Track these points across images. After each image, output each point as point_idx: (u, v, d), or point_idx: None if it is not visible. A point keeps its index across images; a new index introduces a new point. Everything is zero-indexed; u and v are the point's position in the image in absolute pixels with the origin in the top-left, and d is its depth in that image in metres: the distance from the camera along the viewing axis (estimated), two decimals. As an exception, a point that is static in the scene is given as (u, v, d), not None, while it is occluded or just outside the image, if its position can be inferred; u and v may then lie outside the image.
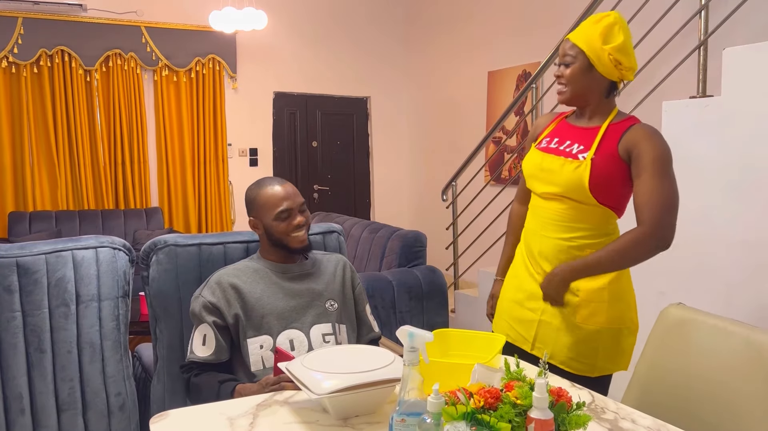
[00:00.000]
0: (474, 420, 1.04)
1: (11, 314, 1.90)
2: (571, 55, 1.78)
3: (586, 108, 1.84)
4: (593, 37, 1.74)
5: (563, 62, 1.81)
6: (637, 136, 1.76)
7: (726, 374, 1.42)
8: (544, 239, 1.83)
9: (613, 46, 1.74)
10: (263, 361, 1.80)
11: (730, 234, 2.55)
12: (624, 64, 1.77)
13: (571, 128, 1.87)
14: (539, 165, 1.85)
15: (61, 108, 5.39)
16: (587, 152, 1.76)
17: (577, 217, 1.79)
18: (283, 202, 1.86)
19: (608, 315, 1.78)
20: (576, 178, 1.74)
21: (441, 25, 6.39)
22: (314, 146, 6.71)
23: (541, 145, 1.88)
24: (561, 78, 1.81)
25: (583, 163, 1.75)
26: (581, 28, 1.79)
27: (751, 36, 3.22)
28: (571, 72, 1.79)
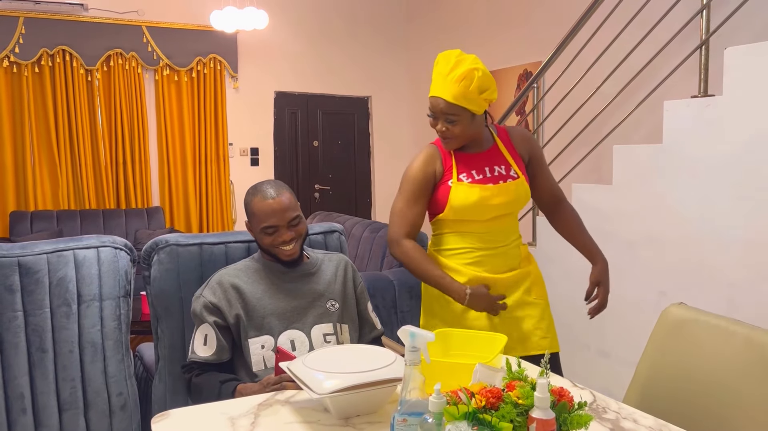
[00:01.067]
0: (475, 420, 1.04)
1: (13, 314, 1.90)
2: (454, 113, 1.88)
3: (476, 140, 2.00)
4: (471, 92, 1.85)
5: (446, 119, 1.89)
6: (524, 137, 2.08)
7: (727, 374, 1.42)
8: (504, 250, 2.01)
9: (489, 92, 1.88)
10: (265, 361, 1.80)
11: (731, 233, 2.55)
12: (491, 100, 1.92)
13: (474, 157, 2.00)
14: (488, 197, 1.94)
15: (62, 107, 5.40)
16: (512, 169, 1.99)
17: (510, 225, 2.05)
18: (269, 218, 1.81)
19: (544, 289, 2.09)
20: (523, 194, 1.99)
21: (442, 24, 6.39)
22: (315, 146, 6.71)
23: (469, 180, 1.96)
24: (447, 133, 1.92)
25: (519, 180, 1.98)
26: (452, 84, 1.85)
27: (753, 36, 3.22)
28: (459, 129, 1.91)
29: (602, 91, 3.45)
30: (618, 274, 3.05)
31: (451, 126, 1.90)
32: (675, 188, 2.76)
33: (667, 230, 2.80)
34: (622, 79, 3.29)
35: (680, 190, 2.74)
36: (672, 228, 2.78)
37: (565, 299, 2.72)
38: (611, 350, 3.09)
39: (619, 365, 3.01)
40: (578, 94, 3.57)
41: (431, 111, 1.93)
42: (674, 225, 2.77)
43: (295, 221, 1.84)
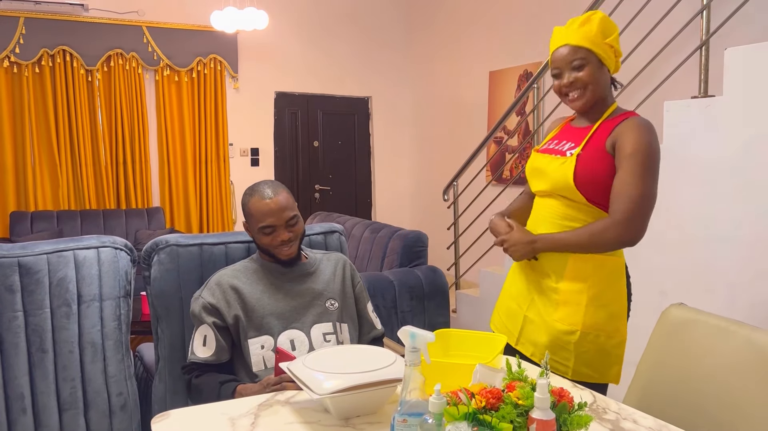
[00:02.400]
0: (475, 421, 1.04)
1: (13, 314, 1.90)
2: (580, 57, 1.72)
3: (595, 107, 1.79)
4: (594, 35, 1.71)
5: (573, 66, 1.73)
6: (625, 128, 1.71)
7: (728, 374, 1.42)
8: None
9: (613, 38, 1.73)
10: (264, 361, 1.80)
11: (732, 234, 2.55)
12: (619, 54, 1.76)
13: (573, 130, 1.85)
14: (532, 164, 1.87)
15: (62, 108, 5.40)
16: (576, 148, 1.75)
17: (568, 215, 1.76)
18: (267, 218, 1.82)
19: (585, 319, 1.73)
20: (561, 175, 1.73)
21: (442, 24, 6.39)
22: (315, 146, 6.71)
23: (542, 148, 1.89)
24: (576, 83, 1.74)
25: (568, 159, 1.73)
26: (574, 30, 1.75)
27: (753, 36, 3.22)
28: (587, 74, 1.72)
29: (602, 91, 3.45)
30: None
31: (578, 73, 1.72)
32: (675, 188, 2.76)
33: (668, 230, 2.80)
34: (622, 78, 3.28)
35: (680, 190, 2.74)
36: (672, 228, 2.78)
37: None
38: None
39: (620, 365, 3.01)
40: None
41: (556, 66, 1.77)
42: (674, 225, 2.77)
43: (292, 221, 1.85)
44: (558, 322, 1.75)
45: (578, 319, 1.73)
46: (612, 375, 1.77)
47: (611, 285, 1.78)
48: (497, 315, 2.00)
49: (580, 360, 1.73)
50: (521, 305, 1.86)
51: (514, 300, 1.91)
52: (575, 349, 1.73)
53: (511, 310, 1.90)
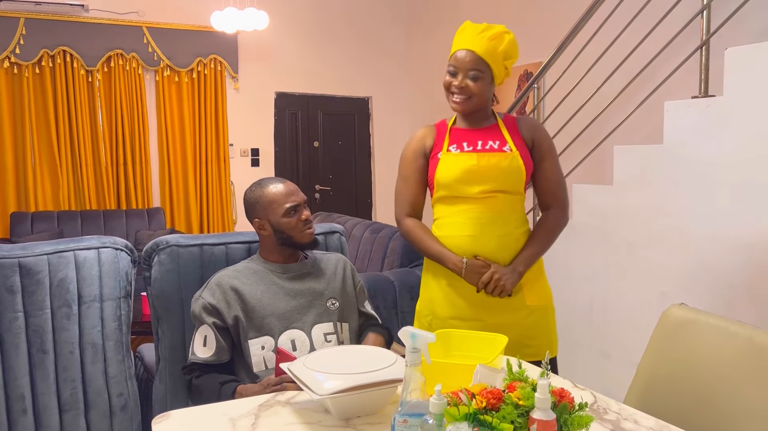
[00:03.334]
0: (476, 421, 1.04)
1: (13, 314, 1.90)
2: (479, 69, 1.86)
3: (477, 113, 1.95)
4: (497, 54, 1.86)
5: (469, 75, 1.86)
6: (531, 124, 1.97)
7: (728, 375, 1.42)
8: (484, 240, 1.88)
9: (511, 61, 1.90)
10: (265, 362, 1.80)
11: (732, 234, 2.55)
12: (509, 69, 1.93)
13: (470, 132, 1.95)
14: (475, 165, 1.88)
15: (62, 108, 5.40)
16: (507, 144, 1.91)
17: (509, 209, 1.92)
18: (289, 198, 1.89)
19: (546, 291, 1.96)
20: (515, 168, 1.88)
21: (442, 25, 6.39)
22: (316, 146, 6.71)
23: (457, 151, 1.91)
24: (465, 89, 1.88)
25: (512, 153, 1.89)
26: (482, 40, 1.86)
27: (754, 36, 3.22)
28: (479, 86, 1.87)
29: (603, 91, 3.45)
30: (618, 275, 3.05)
31: (472, 83, 1.86)
32: (676, 188, 2.76)
33: (668, 230, 2.80)
34: (622, 79, 3.29)
35: (681, 190, 2.74)
36: (673, 228, 2.78)
37: (565, 300, 2.72)
38: (612, 351, 3.09)
39: (620, 366, 3.00)
40: (579, 94, 3.57)
41: (454, 65, 1.88)
42: (675, 225, 2.77)
43: (306, 202, 1.94)
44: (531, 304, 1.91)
45: (543, 294, 1.95)
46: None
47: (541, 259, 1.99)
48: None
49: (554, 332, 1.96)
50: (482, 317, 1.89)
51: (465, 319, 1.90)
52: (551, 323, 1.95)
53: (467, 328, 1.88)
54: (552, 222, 1.95)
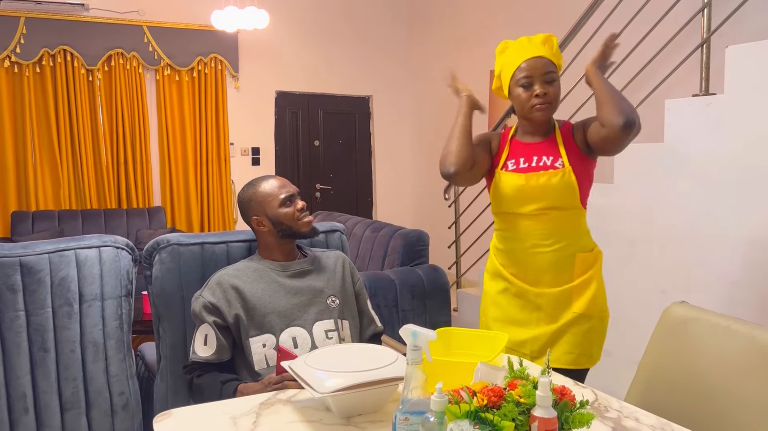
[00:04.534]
0: (477, 419, 1.04)
1: (15, 313, 1.90)
2: (553, 72, 1.86)
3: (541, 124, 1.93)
4: (558, 57, 1.90)
5: (546, 79, 1.85)
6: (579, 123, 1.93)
7: (730, 372, 1.42)
8: (538, 255, 1.91)
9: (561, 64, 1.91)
10: (267, 360, 1.80)
11: (733, 232, 2.55)
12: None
13: (528, 146, 1.95)
14: (524, 186, 1.90)
15: (63, 107, 5.40)
16: (560, 159, 1.88)
17: (561, 226, 1.91)
18: (283, 190, 1.92)
19: (595, 303, 1.94)
20: (565, 185, 1.87)
21: (442, 23, 6.39)
22: (316, 145, 6.71)
23: (510, 168, 1.94)
24: (547, 95, 1.85)
25: (563, 170, 1.87)
26: (540, 45, 1.88)
27: (754, 34, 3.21)
28: (556, 90, 1.87)
29: (603, 89, 3.45)
30: (619, 273, 3.05)
31: (550, 87, 1.85)
32: (676, 187, 2.76)
33: (669, 229, 2.80)
34: (623, 77, 3.28)
35: (682, 188, 2.74)
36: (673, 226, 2.78)
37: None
38: (613, 349, 3.08)
39: (621, 364, 3.00)
40: (579, 93, 3.57)
41: (529, 74, 1.85)
42: (676, 223, 2.77)
43: (299, 194, 1.97)
44: (576, 312, 1.91)
45: (592, 305, 1.92)
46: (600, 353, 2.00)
47: (601, 271, 1.99)
48: None
49: (597, 344, 1.96)
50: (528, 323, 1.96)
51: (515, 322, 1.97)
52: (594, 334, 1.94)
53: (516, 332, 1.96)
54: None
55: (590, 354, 1.94)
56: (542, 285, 1.93)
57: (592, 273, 1.94)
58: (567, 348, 1.91)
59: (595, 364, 1.98)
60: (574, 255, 1.91)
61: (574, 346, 1.91)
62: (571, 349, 1.91)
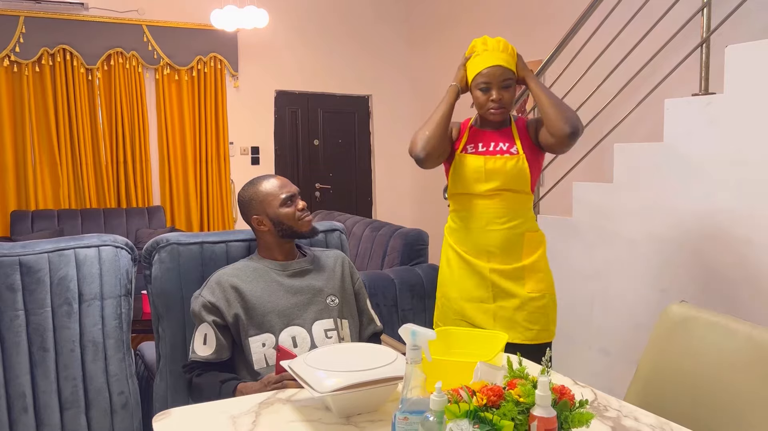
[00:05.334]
0: (477, 418, 1.04)
1: (14, 313, 1.90)
2: (509, 79, 2.07)
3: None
4: (514, 62, 2.09)
5: (503, 85, 2.06)
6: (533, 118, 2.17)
7: (729, 372, 1.42)
8: (491, 233, 2.10)
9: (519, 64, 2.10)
10: (266, 359, 1.80)
11: (733, 231, 2.55)
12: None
13: (486, 133, 2.15)
14: (482, 166, 2.09)
15: (62, 107, 5.40)
16: (514, 147, 2.09)
17: (514, 207, 2.10)
18: (283, 190, 1.92)
19: (547, 282, 2.13)
20: (519, 169, 2.07)
21: (442, 22, 6.39)
22: (316, 144, 6.71)
23: (470, 152, 2.14)
24: (501, 101, 2.06)
25: (518, 156, 2.07)
26: (499, 53, 2.07)
27: (754, 33, 3.21)
28: (511, 95, 2.09)
29: (603, 89, 3.45)
30: (619, 272, 3.05)
31: (506, 93, 2.06)
32: (676, 186, 2.76)
33: (668, 228, 2.80)
34: (622, 77, 3.28)
35: (681, 188, 2.74)
36: (673, 226, 2.78)
37: (565, 298, 2.72)
38: (612, 348, 3.09)
39: (621, 363, 3.01)
40: (579, 92, 3.57)
41: (486, 81, 2.06)
42: (675, 223, 2.77)
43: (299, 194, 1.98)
44: (530, 294, 2.09)
45: (543, 285, 2.11)
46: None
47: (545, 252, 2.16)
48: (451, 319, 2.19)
49: (552, 320, 2.12)
50: (486, 300, 2.12)
51: (472, 299, 2.15)
52: (549, 312, 2.11)
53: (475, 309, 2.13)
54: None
55: (549, 329, 2.12)
56: (494, 262, 2.10)
57: (540, 253, 2.13)
58: (526, 326, 2.08)
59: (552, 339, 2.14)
60: (523, 235, 2.09)
61: (532, 323, 2.09)
62: (530, 326, 2.08)
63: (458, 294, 2.15)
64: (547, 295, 2.12)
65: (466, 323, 2.13)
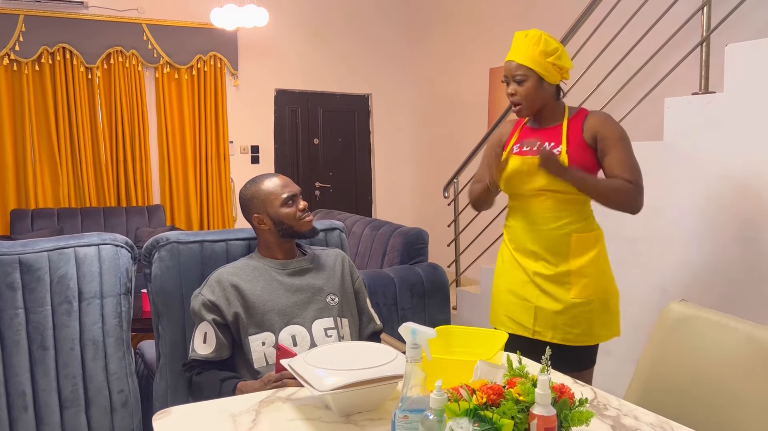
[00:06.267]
0: (477, 417, 1.04)
1: (14, 311, 1.90)
2: (521, 74, 2.02)
3: (542, 112, 2.08)
4: (536, 54, 2.00)
5: (515, 80, 2.03)
6: (596, 121, 2.02)
7: (728, 371, 1.42)
8: (537, 232, 2.06)
9: (555, 57, 2.00)
10: (266, 358, 1.80)
11: (732, 230, 2.55)
12: (564, 67, 2.04)
13: (535, 131, 2.11)
14: (520, 167, 2.04)
15: (62, 105, 5.40)
16: (559, 146, 2.02)
17: (560, 207, 2.03)
18: (285, 189, 1.92)
19: (596, 287, 2.03)
20: None
21: (442, 21, 6.39)
22: (316, 143, 6.71)
23: (515, 152, 2.10)
24: (515, 95, 2.04)
25: (559, 156, 1.98)
26: (517, 47, 2.03)
27: (754, 32, 3.21)
28: (525, 89, 2.02)
29: (603, 88, 3.45)
30: (619, 271, 3.04)
31: (518, 87, 2.02)
32: (676, 185, 2.76)
33: (669, 227, 2.80)
34: (622, 76, 3.28)
35: (681, 187, 2.74)
36: (673, 225, 2.78)
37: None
38: (612, 347, 3.09)
39: (620, 362, 3.01)
40: (579, 91, 3.57)
41: (505, 74, 2.06)
42: (675, 222, 2.77)
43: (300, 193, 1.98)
44: (576, 298, 2.01)
45: (591, 290, 2.01)
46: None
47: (604, 252, 2.08)
48: (500, 313, 2.18)
49: (599, 324, 2.03)
50: (529, 298, 2.07)
51: (517, 295, 2.10)
52: (594, 316, 2.02)
53: (521, 307, 2.09)
54: (619, 184, 1.97)
55: (591, 334, 2.03)
56: (541, 262, 2.05)
57: (591, 257, 2.03)
58: (566, 329, 2.02)
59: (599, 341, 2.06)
60: (570, 236, 2.02)
61: (572, 327, 2.02)
62: (570, 329, 2.02)
63: (506, 287, 2.15)
64: (594, 301, 2.02)
65: (508, 319, 2.13)
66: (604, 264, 2.07)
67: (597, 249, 2.05)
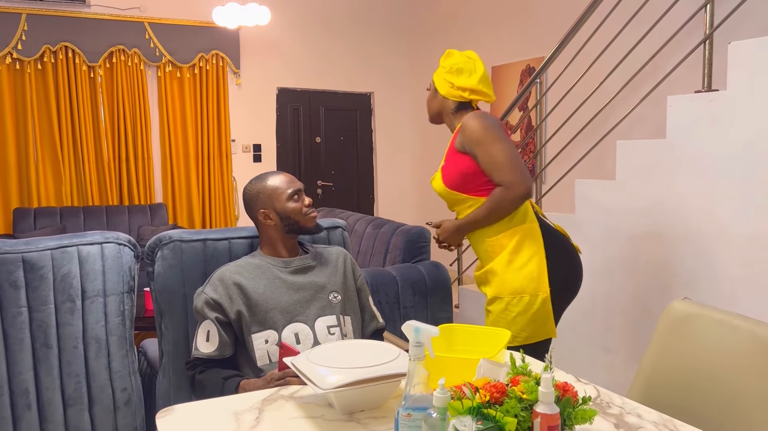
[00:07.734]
0: (480, 415, 1.04)
1: (17, 310, 1.91)
2: (430, 83, 2.24)
3: (445, 124, 2.23)
4: (440, 68, 2.19)
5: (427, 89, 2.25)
6: (461, 128, 2.10)
7: (732, 368, 1.42)
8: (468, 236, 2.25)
9: (450, 71, 2.14)
10: (269, 356, 1.80)
11: (735, 228, 2.55)
12: (455, 83, 2.13)
13: None
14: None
15: (65, 104, 5.40)
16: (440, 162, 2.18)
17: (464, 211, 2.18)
18: (292, 185, 1.95)
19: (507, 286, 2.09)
20: (437, 186, 2.18)
21: (444, 20, 6.38)
22: (318, 142, 6.71)
23: None
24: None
25: (436, 173, 2.17)
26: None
27: (757, 30, 3.21)
28: (428, 98, 2.25)
29: (605, 86, 3.45)
30: (622, 270, 3.05)
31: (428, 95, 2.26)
32: (678, 183, 2.76)
33: (671, 225, 2.80)
34: (625, 73, 3.28)
35: (684, 185, 2.74)
36: (675, 223, 2.78)
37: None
38: (615, 345, 3.09)
39: (623, 360, 3.01)
40: (581, 89, 3.57)
41: None
42: (678, 220, 2.77)
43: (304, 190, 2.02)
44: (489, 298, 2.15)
45: (502, 287, 2.10)
46: (548, 330, 2.09)
47: (524, 249, 2.10)
48: None
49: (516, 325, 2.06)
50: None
51: None
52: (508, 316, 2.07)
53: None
54: (494, 198, 2.07)
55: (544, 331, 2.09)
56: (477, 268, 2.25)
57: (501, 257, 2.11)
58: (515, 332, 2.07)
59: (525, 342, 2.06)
60: (483, 241, 2.15)
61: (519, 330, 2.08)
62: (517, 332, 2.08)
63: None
64: (506, 300, 2.10)
65: None
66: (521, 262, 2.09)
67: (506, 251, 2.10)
